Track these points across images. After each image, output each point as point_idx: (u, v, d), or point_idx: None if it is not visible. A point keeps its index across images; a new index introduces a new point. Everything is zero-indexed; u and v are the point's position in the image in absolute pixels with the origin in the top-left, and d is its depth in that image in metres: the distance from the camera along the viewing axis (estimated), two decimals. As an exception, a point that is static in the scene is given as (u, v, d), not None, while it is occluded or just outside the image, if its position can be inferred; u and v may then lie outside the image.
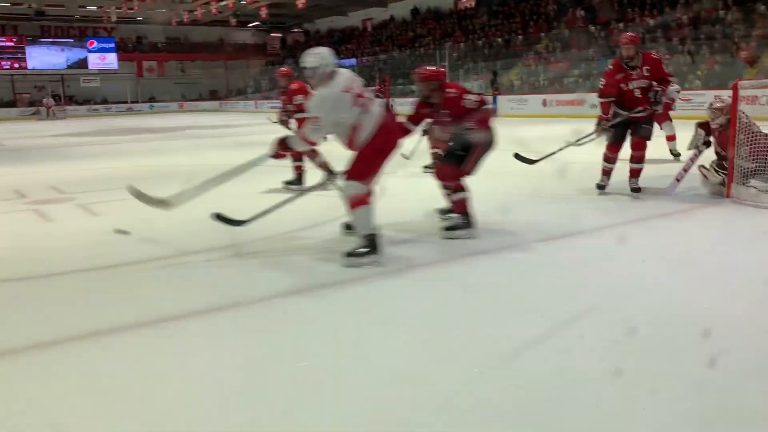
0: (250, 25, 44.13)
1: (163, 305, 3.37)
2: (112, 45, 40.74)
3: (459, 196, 4.66)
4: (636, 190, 5.98)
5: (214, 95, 44.74)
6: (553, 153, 6.37)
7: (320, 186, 4.77)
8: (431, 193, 5.09)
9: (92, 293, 3.66)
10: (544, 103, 20.62)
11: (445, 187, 4.74)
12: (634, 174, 6.01)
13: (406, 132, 4.91)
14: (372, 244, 3.99)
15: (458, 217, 4.68)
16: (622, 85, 5.81)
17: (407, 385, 2.39)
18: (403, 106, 8.86)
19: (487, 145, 4.70)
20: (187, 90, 42.85)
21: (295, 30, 46.52)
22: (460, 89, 4.87)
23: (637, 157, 5.96)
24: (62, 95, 38.76)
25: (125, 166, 9.80)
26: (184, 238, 4.79)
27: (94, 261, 4.27)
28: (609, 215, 5.38)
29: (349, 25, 40.13)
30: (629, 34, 6.00)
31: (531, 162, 6.45)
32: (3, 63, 37.59)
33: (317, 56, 4.09)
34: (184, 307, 3.32)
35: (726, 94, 5.90)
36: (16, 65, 37.97)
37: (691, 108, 16.14)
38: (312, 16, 41.40)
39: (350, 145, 4.10)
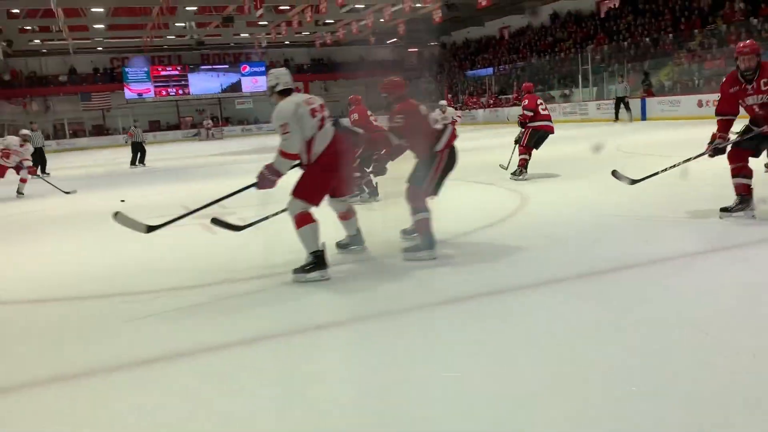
0: (389, 41, 45.29)
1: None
2: (262, 69, 43.70)
3: (420, 216, 4.50)
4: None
5: (353, 112, 46.33)
6: (659, 172, 5.63)
7: None
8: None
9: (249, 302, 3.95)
10: (699, 104, 19.15)
11: (412, 209, 4.55)
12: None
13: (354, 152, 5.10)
14: (318, 260, 4.08)
15: (420, 237, 4.56)
16: (741, 101, 5.02)
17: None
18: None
19: (449, 166, 4.59)
20: (332, 108, 44.68)
21: (433, 43, 47.05)
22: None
23: None
24: (219, 117, 42.23)
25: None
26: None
27: (258, 271, 4.60)
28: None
29: (485, 34, 39.91)
30: (749, 42, 5.04)
31: (632, 182, 5.78)
32: (170, 90, 41.75)
33: (272, 75, 4.24)
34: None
35: None
36: (180, 91, 42.00)
37: None
38: (448, 29, 41.67)
39: (304, 161, 4.20)
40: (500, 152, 10.10)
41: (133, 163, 17.83)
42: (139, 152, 17.98)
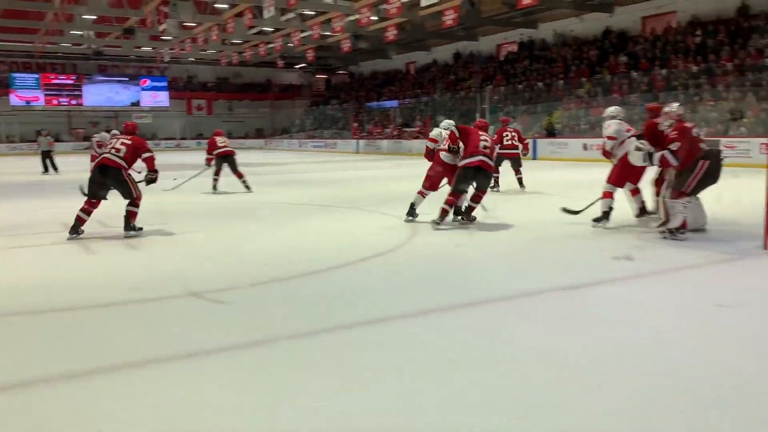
0: (297, 66, 45.40)
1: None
2: (164, 84, 42.48)
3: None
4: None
5: (259, 133, 45.93)
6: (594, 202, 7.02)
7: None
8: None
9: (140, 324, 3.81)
10: (585, 147, 20.50)
11: None
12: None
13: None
14: None
15: None
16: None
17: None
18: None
19: None
20: (234, 128, 44.11)
21: (340, 72, 47.63)
22: None
23: None
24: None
25: (165, 201, 10.14)
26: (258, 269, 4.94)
27: (169, 290, 4.44)
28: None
29: (392, 67, 40.92)
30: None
31: (576, 213, 7.10)
32: (62, 99, 39.55)
33: None
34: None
35: None
36: (73, 102, 39.89)
37: (735, 155, 15.91)
38: (356, 59, 42.38)
39: None
40: (405, 183, 10.43)
41: (45, 170, 18.45)
42: (48, 159, 18.75)
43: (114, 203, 6.88)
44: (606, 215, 6.87)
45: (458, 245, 6.29)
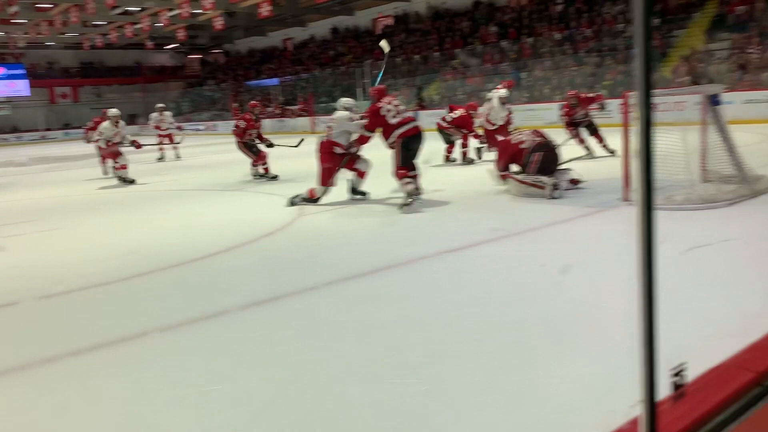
0: (168, 47, 43.32)
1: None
2: (21, 71, 39.09)
3: None
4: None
5: (133, 119, 43.55)
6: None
7: None
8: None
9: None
10: (463, 117, 21.20)
11: None
12: None
13: None
14: None
15: None
16: None
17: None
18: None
19: None
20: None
21: (215, 51, 45.98)
22: None
23: None
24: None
25: (36, 197, 9.50)
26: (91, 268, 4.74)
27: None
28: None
29: (269, 45, 40.03)
30: None
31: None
32: None
33: None
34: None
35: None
36: None
37: (601, 116, 17.10)
38: (231, 37, 41.04)
39: None
40: (289, 162, 10.37)
41: None
42: None
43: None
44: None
45: (343, 223, 6.39)
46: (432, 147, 8.27)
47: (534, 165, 6.90)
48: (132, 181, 10.92)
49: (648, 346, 0.88)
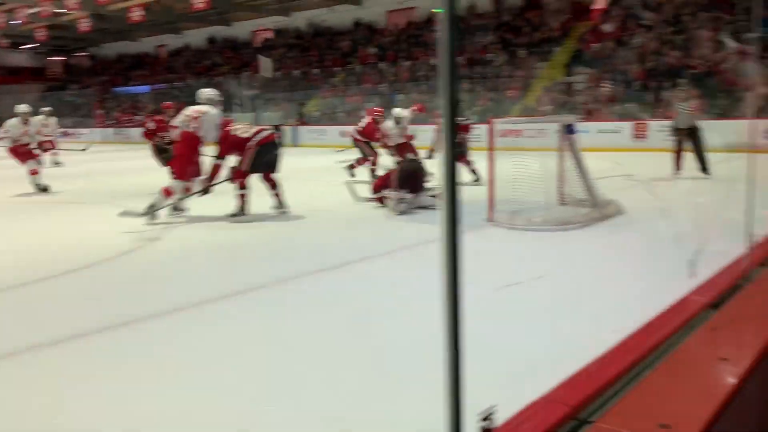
0: (26, 47, 40.06)
1: None
2: None
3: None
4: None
5: (-19, 122, 39.69)
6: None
7: None
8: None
9: None
10: (342, 134, 21.34)
11: None
12: None
13: None
14: None
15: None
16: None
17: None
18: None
19: None
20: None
21: (79, 54, 43.13)
22: None
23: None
24: None
25: None
26: None
27: None
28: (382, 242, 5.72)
29: (141, 50, 38.17)
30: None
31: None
32: None
33: None
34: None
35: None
36: None
37: (472, 139, 17.84)
38: (98, 40, 38.71)
39: None
40: (153, 175, 9.83)
41: None
42: None
43: None
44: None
45: (203, 237, 6.14)
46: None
47: (394, 181, 7.16)
48: (45, 189, 9.88)
49: (453, 394, 0.84)
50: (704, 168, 9.30)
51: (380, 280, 4.43)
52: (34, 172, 9.94)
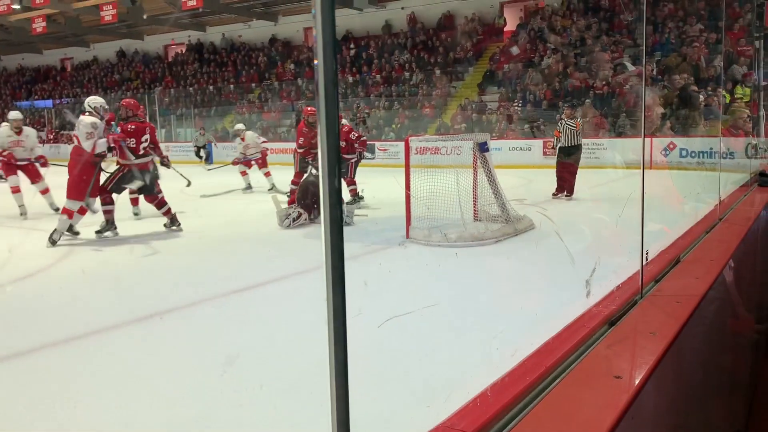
0: None
1: None
2: None
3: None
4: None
5: None
6: None
7: None
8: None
9: None
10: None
11: None
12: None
13: None
14: None
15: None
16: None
17: None
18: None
19: None
20: None
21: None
22: None
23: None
24: None
25: None
26: None
27: None
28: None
29: (44, 63, 36.30)
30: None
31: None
32: None
33: None
34: None
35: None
36: None
37: (387, 157, 18.04)
38: (-3, 51, 36.57)
39: None
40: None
41: None
42: None
43: None
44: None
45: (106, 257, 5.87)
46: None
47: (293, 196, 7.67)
48: (57, 209, 8.09)
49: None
50: (570, 190, 9.16)
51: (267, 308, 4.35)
52: (46, 191, 8.89)
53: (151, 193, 6.95)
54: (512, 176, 11.27)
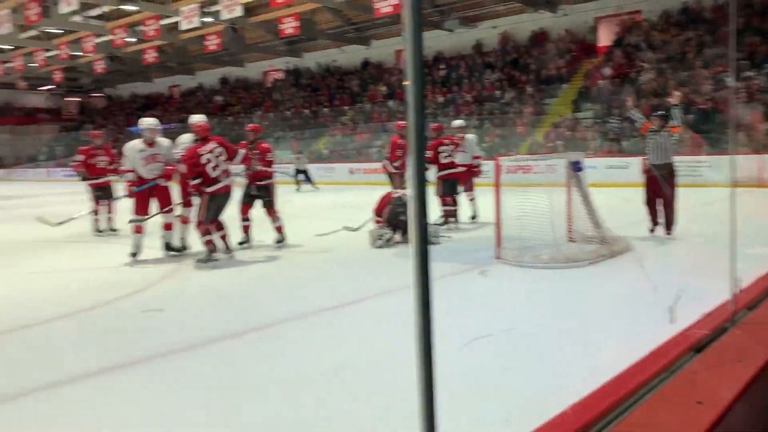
0: (43, 88, 41.01)
1: None
2: None
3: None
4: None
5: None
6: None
7: None
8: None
9: None
10: (351, 171, 21.56)
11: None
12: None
13: None
14: None
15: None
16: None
17: None
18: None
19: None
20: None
21: (95, 95, 44.07)
22: None
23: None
24: None
25: None
26: None
27: None
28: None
29: (155, 91, 38.96)
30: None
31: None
32: None
33: None
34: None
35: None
36: None
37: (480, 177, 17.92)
38: (114, 81, 39.61)
39: None
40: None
41: None
42: None
43: None
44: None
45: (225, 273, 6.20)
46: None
47: (384, 214, 7.71)
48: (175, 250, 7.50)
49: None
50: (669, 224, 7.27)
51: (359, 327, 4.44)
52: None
53: (273, 206, 7.53)
54: (609, 195, 10.93)
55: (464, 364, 3.36)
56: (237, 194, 7.19)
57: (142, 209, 6.97)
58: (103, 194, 9.26)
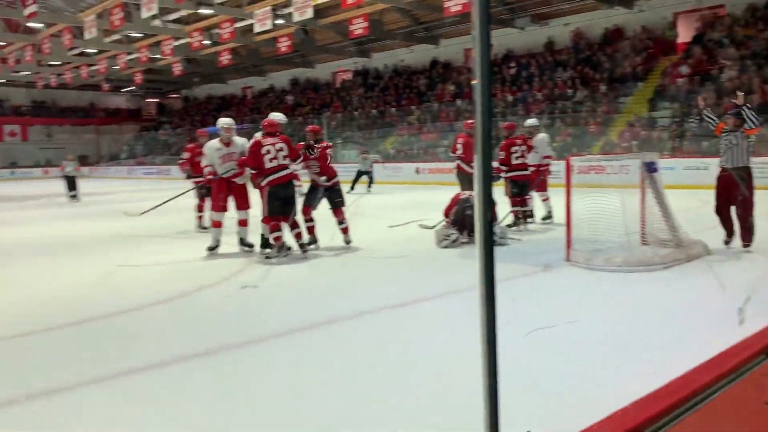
0: (124, 90, 43.05)
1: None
2: (-30, 106, 38.19)
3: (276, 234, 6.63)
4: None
5: (83, 161, 42.70)
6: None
7: None
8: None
9: None
10: (417, 171, 21.59)
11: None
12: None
13: None
14: None
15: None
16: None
17: None
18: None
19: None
20: (54, 155, 40.64)
21: (173, 96, 45.91)
22: None
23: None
24: None
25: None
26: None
27: None
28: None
29: (229, 92, 40.23)
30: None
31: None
32: None
33: None
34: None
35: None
36: None
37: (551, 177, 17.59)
38: (189, 83, 41.14)
39: None
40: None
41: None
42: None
43: None
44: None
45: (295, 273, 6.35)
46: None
47: (451, 215, 7.72)
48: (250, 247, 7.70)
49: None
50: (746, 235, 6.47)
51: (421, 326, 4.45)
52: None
53: (341, 206, 7.51)
54: (686, 198, 10.52)
55: (526, 357, 3.33)
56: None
57: (220, 206, 7.29)
58: (207, 192, 9.15)
